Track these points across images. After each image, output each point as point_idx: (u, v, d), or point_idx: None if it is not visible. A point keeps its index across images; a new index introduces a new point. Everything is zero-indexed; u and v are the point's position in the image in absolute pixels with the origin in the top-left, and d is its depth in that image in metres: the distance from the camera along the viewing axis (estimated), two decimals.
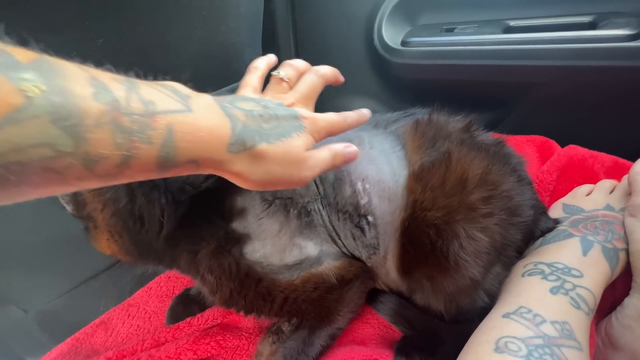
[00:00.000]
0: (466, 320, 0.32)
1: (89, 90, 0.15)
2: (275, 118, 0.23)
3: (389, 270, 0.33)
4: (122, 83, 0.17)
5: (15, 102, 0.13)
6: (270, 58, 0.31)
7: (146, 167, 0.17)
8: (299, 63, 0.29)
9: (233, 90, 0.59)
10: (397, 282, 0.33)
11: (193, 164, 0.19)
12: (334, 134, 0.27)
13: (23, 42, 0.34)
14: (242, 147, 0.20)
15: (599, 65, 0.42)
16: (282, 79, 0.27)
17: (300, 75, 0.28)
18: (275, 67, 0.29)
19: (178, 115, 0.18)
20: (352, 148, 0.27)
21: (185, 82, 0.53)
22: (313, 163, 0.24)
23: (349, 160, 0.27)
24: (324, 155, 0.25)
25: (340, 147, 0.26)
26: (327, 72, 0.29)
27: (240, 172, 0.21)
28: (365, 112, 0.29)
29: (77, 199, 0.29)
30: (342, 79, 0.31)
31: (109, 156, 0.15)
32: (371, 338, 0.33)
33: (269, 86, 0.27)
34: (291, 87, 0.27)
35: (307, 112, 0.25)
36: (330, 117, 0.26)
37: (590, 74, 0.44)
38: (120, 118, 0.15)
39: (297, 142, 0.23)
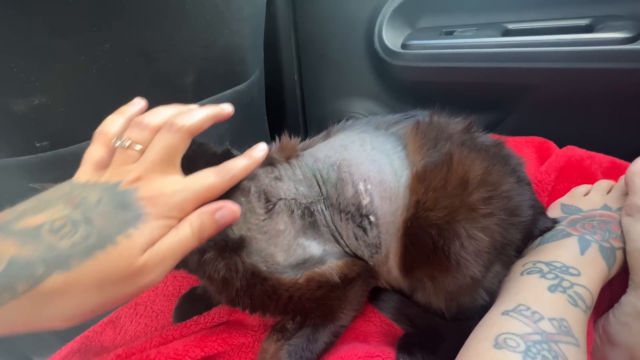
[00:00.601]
0: (466, 318, 0.32)
1: None
2: (85, 222, 0.17)
3: (390, 269, 0.34)
4: None
5: None
6: (130, 111, 0.24)
7: None
8: (154, 119, 0.22)
9: (236, 93, 0.59)
10: (399, 280, 0.34)
11: None
12: (210, 200, 0.21)
13: (34, 46, 0.34)
14: (9, 294, 0.15)
15: (595, 68, 0.43)
16: (126, 148, 0.21)
17: (156, 132, 0.21)
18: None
19: None
20: (226, 209, 0.21)
21: (188, 85, 0.54)
22: (157, 261, 0.18)
23: (223, 225, 0.21)
24: (178, 237, 0.19)
25: (208, 211, 0.20)
26: (190, 122, 0.21)
27: (30, 324, 0.16)
28: (261, 149, 0.23)
29: None
30: (225, 114, 0.23)
31: None
32: (373, 335, 0.34)
33: (114, 157, 0.21)
34: (143, 152, 0.21)
35: (156, 189, 0.19)
36: (201, 183, 0.20)
37: (587, 77, 0.44)
38: None
39: (125, 247, 0.17)
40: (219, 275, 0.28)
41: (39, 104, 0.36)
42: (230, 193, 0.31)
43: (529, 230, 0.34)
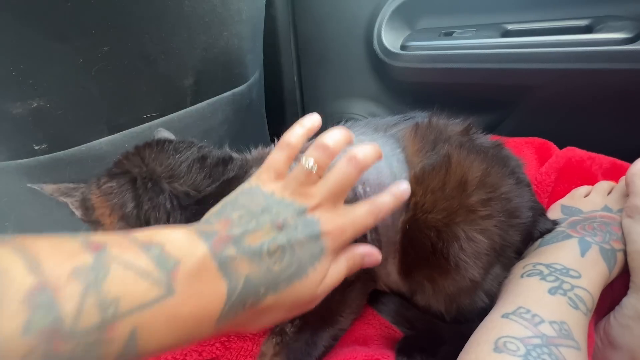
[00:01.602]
0: (466, 321, 0.32)
1: (19, 320, 0.11)
2: (290, 249, 0.19)
3: (390, 272, 0.33)
4: (81, 278, 0.13)
5: None
6: (309, 125, 0.23)
7: None
8: (334, 143, 0.22)
9: (235, 95, 0.60)
10: (398, 283, 0.34)
11: (162, 352, 0.16)
12: (360, 235, 0.22)
13: (32, 49, 0.34)
14: (241, 307, 0.17)
15: (595, 68, 0.43)
16: (311, 172, 0.21)
17: (332, 157, 0.22)
18: (318, 132, 0.23)
19: (150, 311, 0.14)
20: (373, 257, 0.23)
21: (187, 87, 0.53)
22: (324, 292, 0.21)
23: (365, 267, 0.24)
24: (339, 271, 0.21)
25: (361, 254, 0.23)
26: (367, 159, 0.22)
27: (237, 329, 0.19)
28: (404, 188, 0.24)
29: (85, 204, 0.30)
30: (380, 154, 0.24)
31: None
32: (373, 338, 0.34)
33: (294, 174, 0.22)
34: (320, 175, 0.22)
35: (333, 221, 0.21)
36: (360, 220, 0.21)
37: (586, 77, 0.44)
38: (58, 347, 0.12)
39: (312, 280, 0.19)
40: None
41: (38, 107, 0.36)
42: None
43: (528, 232, 0.34)
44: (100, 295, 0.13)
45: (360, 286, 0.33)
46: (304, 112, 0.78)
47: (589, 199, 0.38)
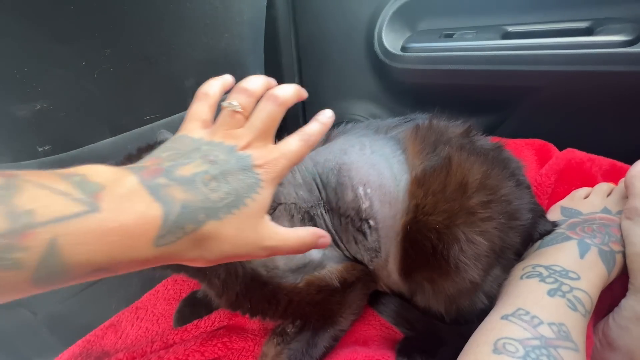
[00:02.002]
0: (466, 322, 0.32)
1: None
2: (224, 180, 0.19)
3: (390, 273, 0.34)
4: None
5: None
6: (225, 80, 0.26)
7: (15, 290, 0.14)
8: (254, 85, 0.24)
9: None
10: (399, 284, 0.34)
11: (101, 271, 0.16)
12: (296, 164, 0.23)
13: (35, 52, 0.35)
14: (181, 232, 0.17)
15: (595, 71, 0.43)
16: (235, 112, 0.22)
17: (257, 100, 0.23)
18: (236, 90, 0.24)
19: (71, 223, 0.14)
20: (326, 239, 0.24)
21: (189, 88, 0.54)
22: (272, 232, 0.21)
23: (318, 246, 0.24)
24: (299, 234, 0.22)
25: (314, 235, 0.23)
26: (287, 96, 0.23)
27: (182, 259, 0.18)
28: (328, 115, 0.25)
29: None
30: (304, 96, 0.26)
31: None
32: (373, 339, 0.34)
33: (220, 119, 0.23)
34: (247, 117, 0.23)
35: (264, 156, 0.21)
36: (291, 150, 0.22)
37: (587, 79, 0.44)
38: None
39: (253, 211, 0.20)
40: (219, 279, 0.28)
41: (41, 109, 0.36)
42: None
43: (528, 234, 0.34)
44: (9, 207, 0.14)
45: (360, 287, 0.33)
46: (304, 114, 0.79)
47: (589, 200, 0.39)
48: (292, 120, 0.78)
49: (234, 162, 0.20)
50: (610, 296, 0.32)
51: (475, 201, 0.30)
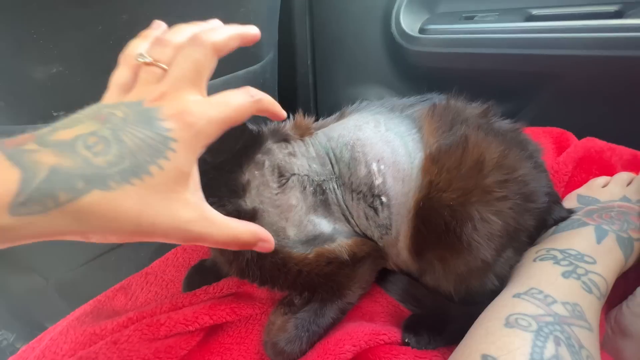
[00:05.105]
0: (475, 303, 0.32)
1: None
2: (116, 140, 0.16)
3: (400, 251, 0.33)
4: None
5: None
6: (152, 34, 0.22)
7: None
8: (176, 36, 0.20)
9: (249, 74, 0.59)
10: (408, 262, 0.34)
11: None
12: (235, 124, 0.19)
13: (53, 13, 0.34)
14: (52, 202, 0.14)
15: (624, 56, 0.41)
16: (149, 64, 0.19)
17: (174, 49, 0.20)
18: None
19: None
20: (267, 244, 0.21)
21: None
22: (201, 215, 0.17)
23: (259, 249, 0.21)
24: (235, 228, 0.19)
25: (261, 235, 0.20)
26: (216, 38, 0.19)
27: (66, 233, 0.15)
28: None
29: None
30: (251, 35, 0.22)
31: None
32: (379, 315, 0.34)
33: (139, 78, 0.19)
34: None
35: (178, 107, 0.17)
36: (225, 101, 0.18)
37: (614, 65, 0.43)
38: None
39: (160, 182, 0.16)
40: None
41: (57, 73, 0.36)
42: (244, 166, 0.31)
43: (543, 218, 0.34)
44: None
45: (369, 262, 0.33)
46: (316, 96, 0.78)
47: (607, 189, 0.38)
48: (303, 102, 0.77)
49: (133, 117, 0.16)
50: (624, 284, 0.32)
51: (491, 180, 0.30)
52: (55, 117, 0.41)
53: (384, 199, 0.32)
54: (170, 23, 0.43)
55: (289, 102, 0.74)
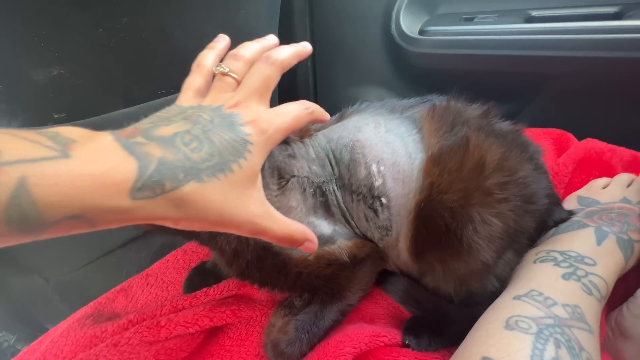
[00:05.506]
0: (475, 304, 0.32)
1: None
2: (207, 140, 0.18)
3: (400, 252, 0.33)
4: None
5: None
6: (219, 47, 0.25)
7: None
8: (248, 51, 0.24)
9: None
10: (408, 264, 0.34)
11: (78, 220, 0.15)
12: (293, 131, 0.22)
13: (54, 16, 0.34)
14: (159, 189, 0.16)
15: (624, 57, 0.41)
16: (225, 74, 0.22)
17: (250, 65, 0.23)
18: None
19: (40, 165, 0.14)
20: (312, 245, 0.23)
21: None
22: (265, 211, 0.19)
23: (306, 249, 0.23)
24: (291, 226, 0.21)
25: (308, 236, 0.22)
26: (282, 56, 0.23)
27: (165, 218, 0.17)
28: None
29: None
30: (307, 51, 0.25)
31: None
32: (380, 317, 0.34)
33: (212, 85, 0.22)
34: (239, 82, 0.22)
35: (254, 114, 0.20)
36: (287, 112, 0.21)
37: (614, 66, 0.43)
38: None
39: (240, 179, 0.18)
40: (230, 246, 0.29)
41: (58, 75, 0.36)
42: None
43: (543, 220, 0.34)
44: None
45: (370, 264, 0.33)
46: (316, 97, 0.78)
47: (608, 190, 0.38)
48: None
49: (218, 120, 0.19)
50: (625, 286, 0.32)
51: (492, 182, 0.30)
52: (56, 119, 0.41)
53: (384, 200, 0.32)
54: (171, 25, 0.43)
55: None
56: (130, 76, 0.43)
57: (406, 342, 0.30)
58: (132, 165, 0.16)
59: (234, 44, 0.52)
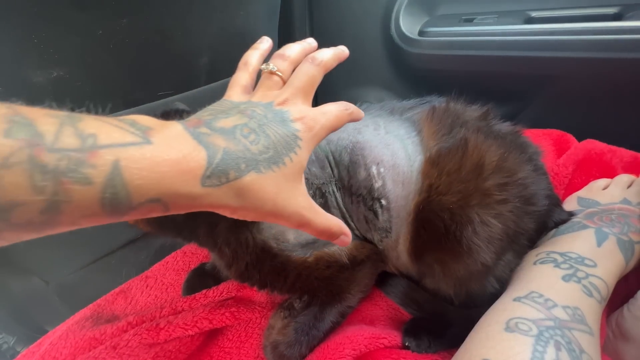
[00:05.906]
0: (475, 306, 0.32)
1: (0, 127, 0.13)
2: (263, 134, 0.19)
3: (400, 254, 0.33)
4: (56, 117, 0.14)
5: None
6: (263, 47, 0.26)
7: (87, 211, 0.14)
8: (292, 51, 0.25)
9: None
10: (408, 265, 0.34)
11: (157, 203, 0.16)
12: (334, 130, 0.23)
13: (53, 17, 0.34)
14: (224, 178, 0.17)
15: (623, 58, 0.41)
16: (272, 73, 0.23)
17: (295, 65, 0.24)
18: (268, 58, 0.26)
19: (129, 149, 0.15)
20: (347, 239, 0.24)
21: (203, 66, 0.53)
22: (309, 204, 0.20)
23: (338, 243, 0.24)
24: (330, 219, 0.22)
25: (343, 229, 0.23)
26: (326, 58, 0.24)
27: (226, 207, 0.18)
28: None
29: None
30: (345, 54, 0.27)
31: (27, 202, 0.13)
32: (380, 319, 0.34)
33: (260, 82, 0.24)
34: (285, 81, 0.23)
35: (302, 112, 0.21)
36: (331, 110, 0.22)
37: (614, 67, 0.43)
38: (41, 155, 0.13)
39: (291, 171, 0.19)
40: (229, 248, 0.28)
41: (57, 77, 0.36)
42: None
43: (543, 221, 0.33)
44: (77, 129, 0.14)
45: (369, 266, 0.33)
46: (315, 98, 0.78)
47: (608, 191, 0.38)
48: None
49: (271, 115, 0.20)
50: (625, 287, 0.32)
51: (491, 183, 0.30)
52: None
53: (383, 202, 0.32)
54: (170, 27, 0.43)
55: None
56: (130, 78, 0.43)
57: (406, 344, 0.30)
58: (202, 154, 0.17)
59: (234, 44, 0.52)
